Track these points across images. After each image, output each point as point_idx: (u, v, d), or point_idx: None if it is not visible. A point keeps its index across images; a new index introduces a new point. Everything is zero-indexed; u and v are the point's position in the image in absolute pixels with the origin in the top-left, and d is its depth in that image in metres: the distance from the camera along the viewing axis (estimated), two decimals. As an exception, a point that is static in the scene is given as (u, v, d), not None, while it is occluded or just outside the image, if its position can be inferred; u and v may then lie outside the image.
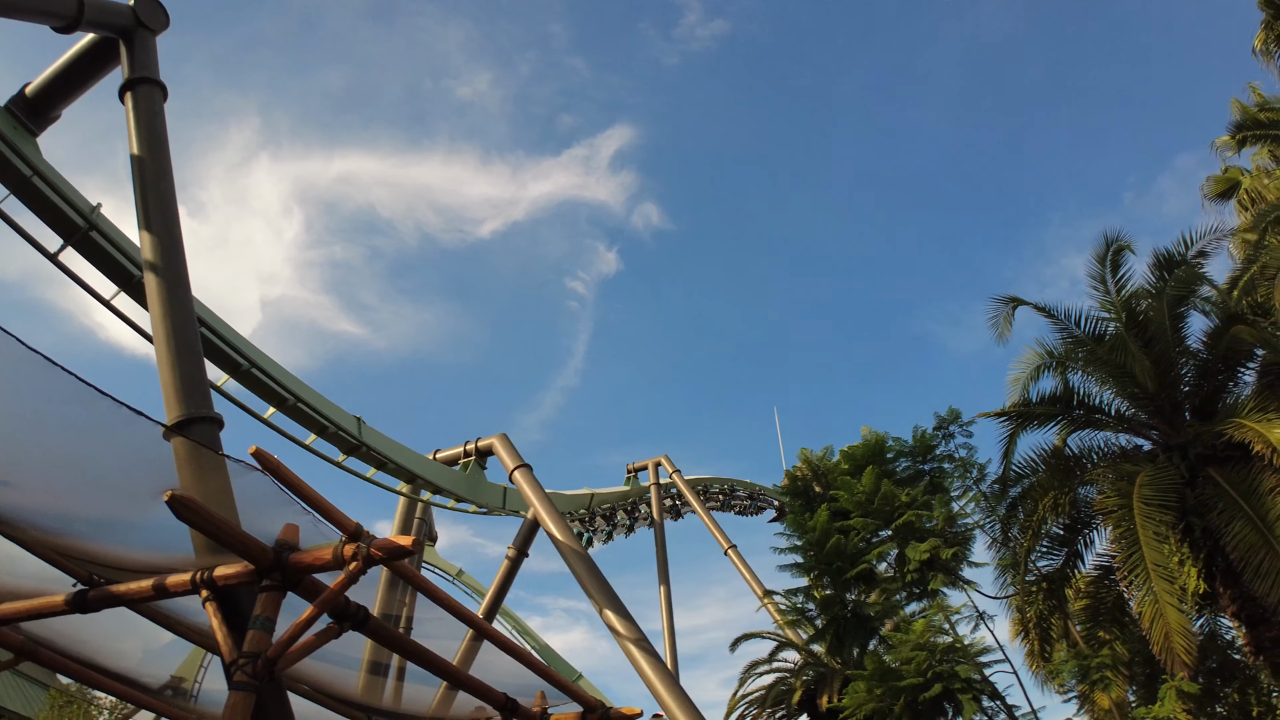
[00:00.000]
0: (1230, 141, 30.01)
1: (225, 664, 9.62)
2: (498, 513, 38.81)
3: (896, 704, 16.98)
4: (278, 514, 10.44)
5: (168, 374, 13.43)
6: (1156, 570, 13.56)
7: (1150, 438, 17.21)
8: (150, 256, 15.13)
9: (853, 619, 20.87)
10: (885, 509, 19.68)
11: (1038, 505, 16.55)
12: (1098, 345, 16.92)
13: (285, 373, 27.81)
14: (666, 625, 45.05)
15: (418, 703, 18.51)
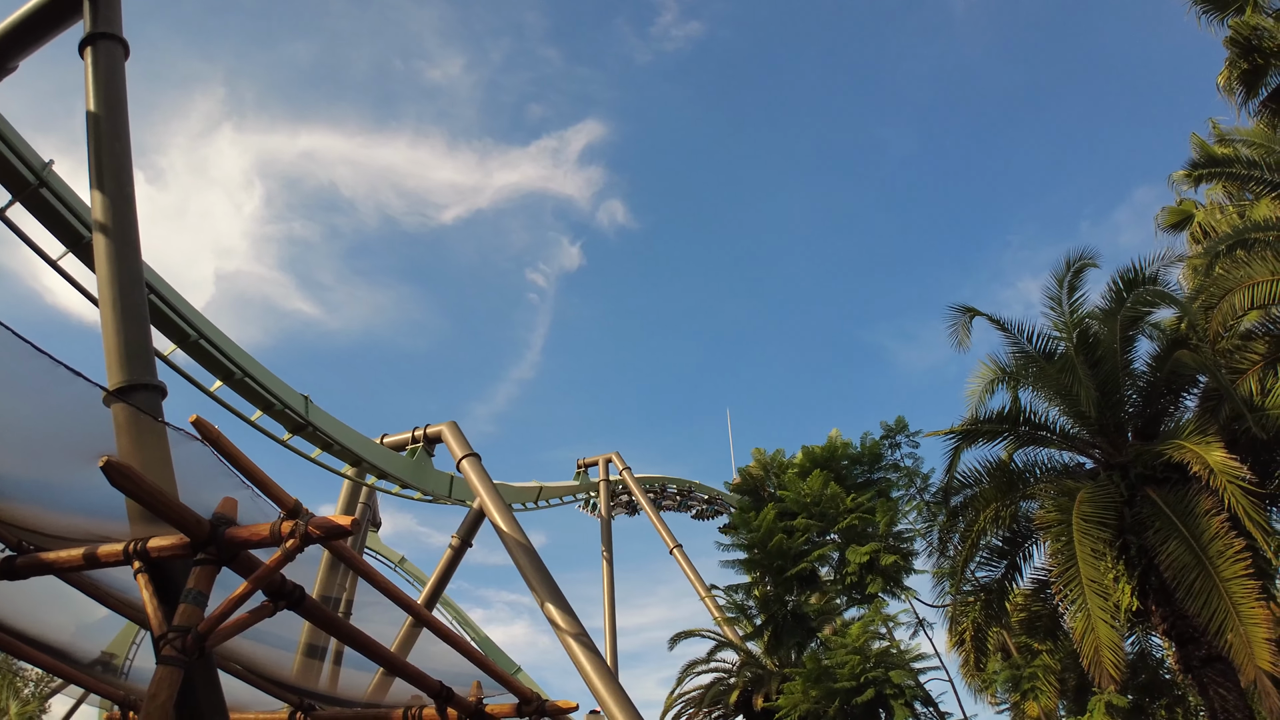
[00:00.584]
0: (1187, 176, 30.79)
1: (154, 638, 9.40)
2: (443, 501, 38.49)
3: (831, 706, 17.15)
4: (216, 487, 10.21)
5: (111, 338, 13.11)
6: (1091, 586, 13.83)
7: (1093, 456, 17.52)
8: (100, 217, 14.76)
9: (791, 619, 21.04)
10: (830, 511, 19.89)
11: (979, 516, 16.81)
12: (1047, 363, 17.21)
13: (235, 346, 27.29)
14: (608, 622, 45.14)
15: (353, 688, 18.29)
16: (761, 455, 24.13)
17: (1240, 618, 13.45)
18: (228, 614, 8.82)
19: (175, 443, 10.94)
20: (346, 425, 32.47)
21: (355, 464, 33.44)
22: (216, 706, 10.27)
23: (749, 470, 24.55)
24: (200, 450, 10.31)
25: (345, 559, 10.98)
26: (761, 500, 23.55)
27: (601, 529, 48.70)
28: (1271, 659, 13.14)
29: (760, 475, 24.08)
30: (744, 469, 24.79)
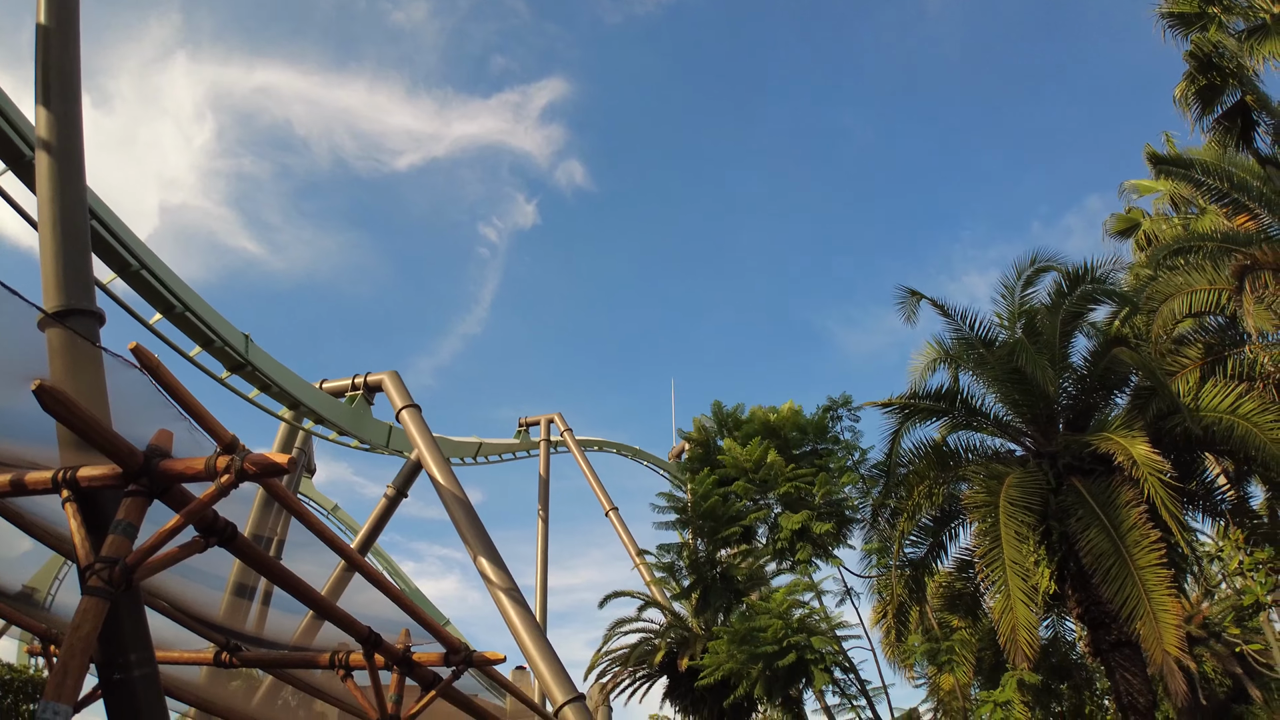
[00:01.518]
0: (1137, 185, 31.80)
1: (80, 568, 9.24)
2: (381, 451, 38.23)
3: (753, 668, 17.55)
4: (151, 419, 10.03)
5: (49, 261, 12.74)
6: (1013, 567, 14.33)
7: (1023, 444, 18.05)
8: (45, 134, 14.26)
9: (720, 581, 21.41)
10: (768, 479, 20.22)
11: (913, 492, 17.26)
12: (987, 350, 17.65)
13: (177, 279, 26.63)
14: (540, 580, 45.49)
15: (280, 631, 18.20)
16: (719, 408, 24.29)
17: (1152, 605, 14.02)
18: (157, 547, 8.69)
19: (110, 371, 10.72)
20: (286, 367, 31.94)
21: (293, 407, 32.97)
22: (141, 640, 10.14)
23: (704, 420, 24.70)
24: (136, 380, 10.11)
25: (280, 498, 10.87)
26: (711, 452, 23.83)
27: (539, 488, 48.93)
28: (1179, 645, 13.76)
29: (714, 428, 24.28)
30: (699, 418, 24.96)
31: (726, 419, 24.50)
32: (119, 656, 9.76)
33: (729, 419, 24.42)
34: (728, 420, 24.47)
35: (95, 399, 10.58)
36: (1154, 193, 31.63)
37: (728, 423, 24.50)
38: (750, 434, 21.99)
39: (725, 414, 24.31)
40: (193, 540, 9.37)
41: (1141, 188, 32.51)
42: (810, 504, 20.27)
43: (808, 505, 20.28)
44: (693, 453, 25.69)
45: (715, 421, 24.83)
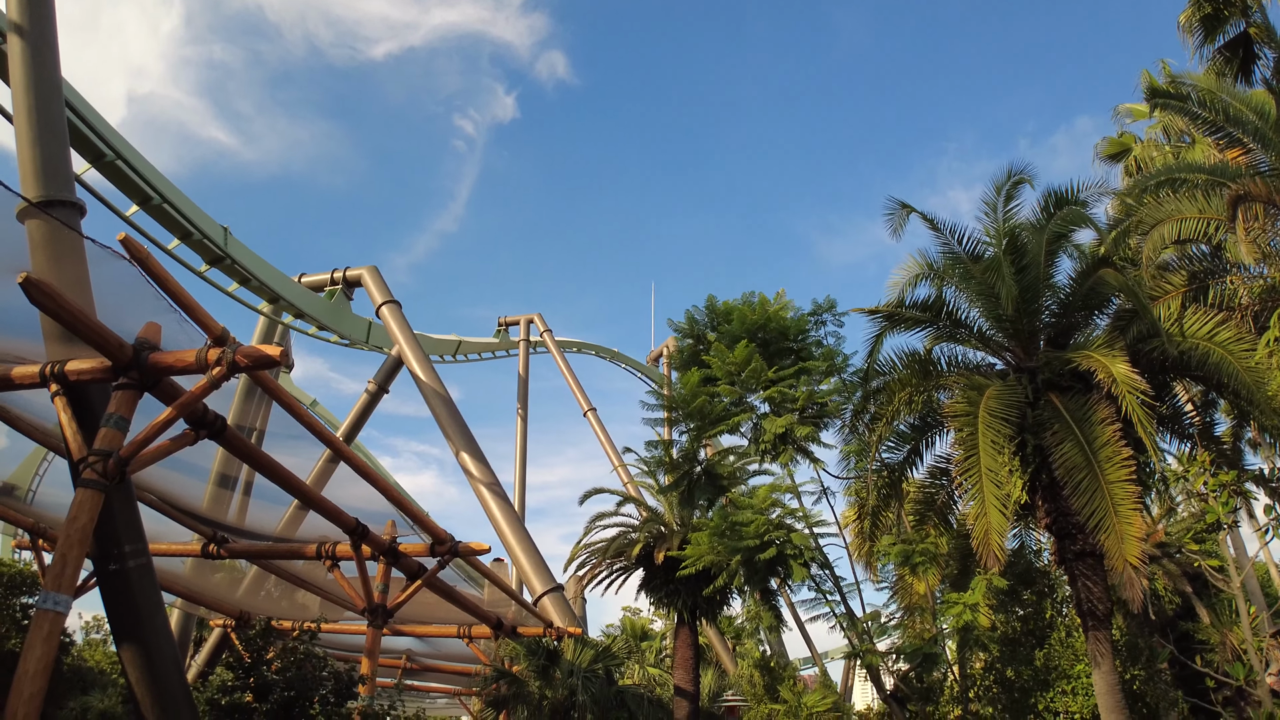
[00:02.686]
0: (1130, 109, 31.59)
1: (72, 462, 9.30)
2: (360, 346, 38.30)
3: (733, 560, 18.12)
4: (136, 312, 9.95)
5: (26, 151, 12.39)
6: (989, 475, 14.75)
7: (1004, 358, 18.34)
8: (16, 17, 13.70)
9: (704, 476, 21.89)
10: (752, 381, 20.54)
11: (894, 398, 17.58)
12: (973, 265, 17.76)
13: (153, 169, 26.04)
14: (519, 475, 46.35)
15: (262, 523, 18.50)
16: (713, 302, 24.29)
17: (1118, 518, 14.52)
18: (150, 440, 8.76)
19: (96, 262, 10.58)
20: (266, 261, 31.61)
21: (273, 301, 32.80)
22: (135, 532, 10.28)
23: (694, 312, 24.73)
24: (120, 272, 9.98)
25: (268, 389, 10.92)
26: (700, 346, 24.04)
27: (518, 387, 49.41)
28: (1139, 557, 14.36)
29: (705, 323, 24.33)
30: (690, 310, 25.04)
31: (719, 315, 24.53)
32: (114, 548, 9.91)
33: (720, 315, 24.45)
34: (720, 316, 24.50)
35: (80, 292, 10.47)
36: (1148, 118, 31.46)
37: (719, 319, 24.53)
38: (732, 334, 22.12)
39: (718, 310, 24.31)
40: (183, 433, 9.43)
41: (1135, 112, 32.33)
42: (792, 406, 20.59)
43: (790, 407, 20.61)
44: (682, 346, 25.83)
45: (707, 315, 24.86)
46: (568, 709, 21.83)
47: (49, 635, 8.30)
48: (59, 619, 8.44)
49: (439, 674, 32.21)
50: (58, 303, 8.20)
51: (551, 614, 25.46)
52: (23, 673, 8.04)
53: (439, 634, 24.86)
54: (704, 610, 22.40)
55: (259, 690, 12.44)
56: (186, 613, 27.44)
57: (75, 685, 20.85)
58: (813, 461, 20.54)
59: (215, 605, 24.28)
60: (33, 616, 8.51)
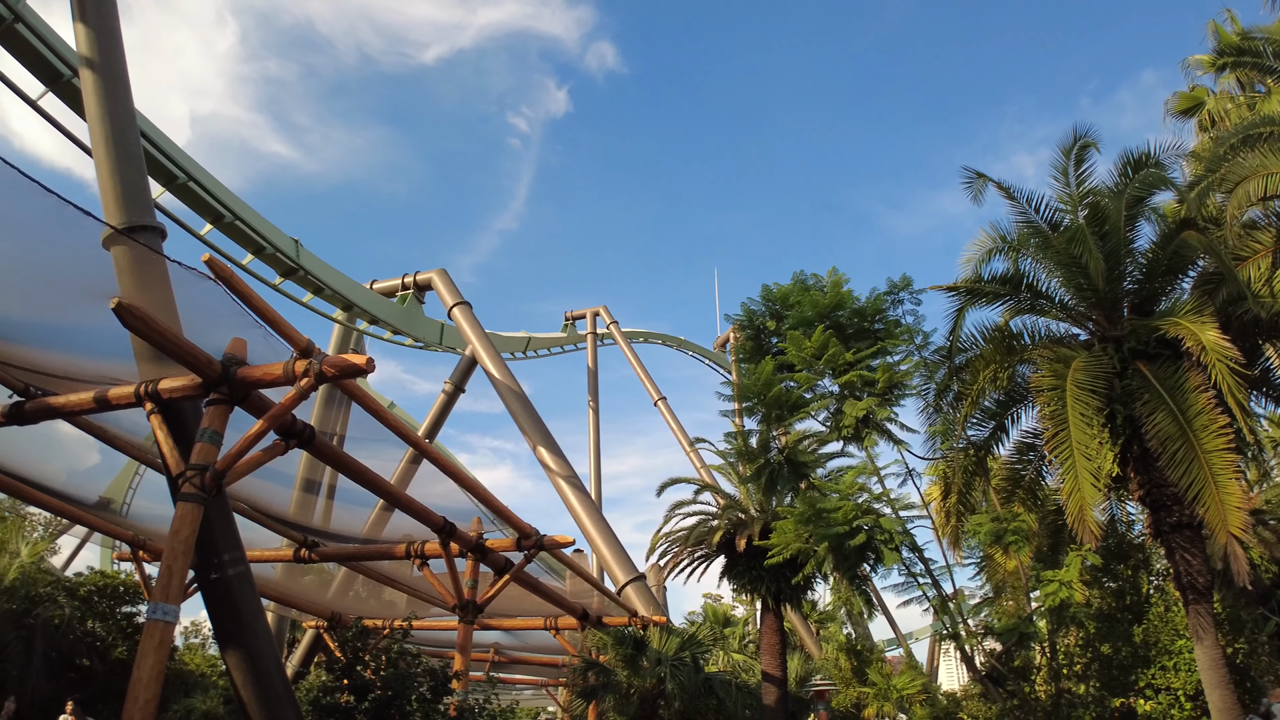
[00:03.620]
0: (1201, 61, 30.21)
1: (171, 477, 9.61)
2: (434, 348, 38.95)
3: (821, 547, 17.90)
4: (220, 329, 10.25)
5: (107, 180, 12.81)
6: (1079, 448, 14.28)
7: (1088, 328, 17.76)
8: (87, 51, 14.18)
9: (787, 465, 21.66)
10: (829, 366, 20.20)
11: (978, 376, 17.14)
12: (1053, 234, 17.22)
13: (224, 188, 26.77)
14: (593, 466, 46.67)
15: (347, 525, 18.95)
16: (768, 291, 23.87)
17: (1218, 487, 13.96)
18: (243, 452, 9.01)
19: (180, 285, 10.89)
20: (337, 270, 32.33)
21: (347, 309, 33.56)
22: (232, 540, 10.60)
23: (749, 308, 24.37)
24: (204, 291, 10.28)
25: (355, 397, 11.14)
26: (761, 337, 23.74)
27: (588, 379, 49.73)
28: (1243, 527, 13.78)
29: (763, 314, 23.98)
30: (746, 303, 24.63)
31: (776, 302, 24.08)
32: (214, 557, 10.22)
33: (778, 302, 23.99)
34: (777, 303, 24.05)
35: (167, 313, 10.78)
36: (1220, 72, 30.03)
37: (777, 305, 24.08)
38: (800, 319, 21.72)
39: (774, 296, 23.87)
40: (274, 443, 9.68)
41: (1205, 64, 30.87)
42: (873, 390, 20.17)
43: (869, 390, 20.20)
44: (742, 341, 25.55)
45: (764, 304, 24.49)
46: (656, 697, 21.92)
47: (160, 644, 8.62)
48: (168, 628, 8.75)
49: (526, 666, 32.70)
50: (149, 325, 8.46)
51: (635, 603, 25.59)
52: (137, 680, 8.35)
53: (525, 626, 25.21)
54: (788, 596, 22.24)
55: (357, 689, 12.73)
56: (279, 615, 28.26)
57: (178, 688, 21.66)
58: (895, 443, 20.15)
59: (307, 607, 24.99)
60: (144, 626, 8.82)
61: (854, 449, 21.29)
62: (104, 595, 18.17)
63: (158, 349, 9.00)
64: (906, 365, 21.05)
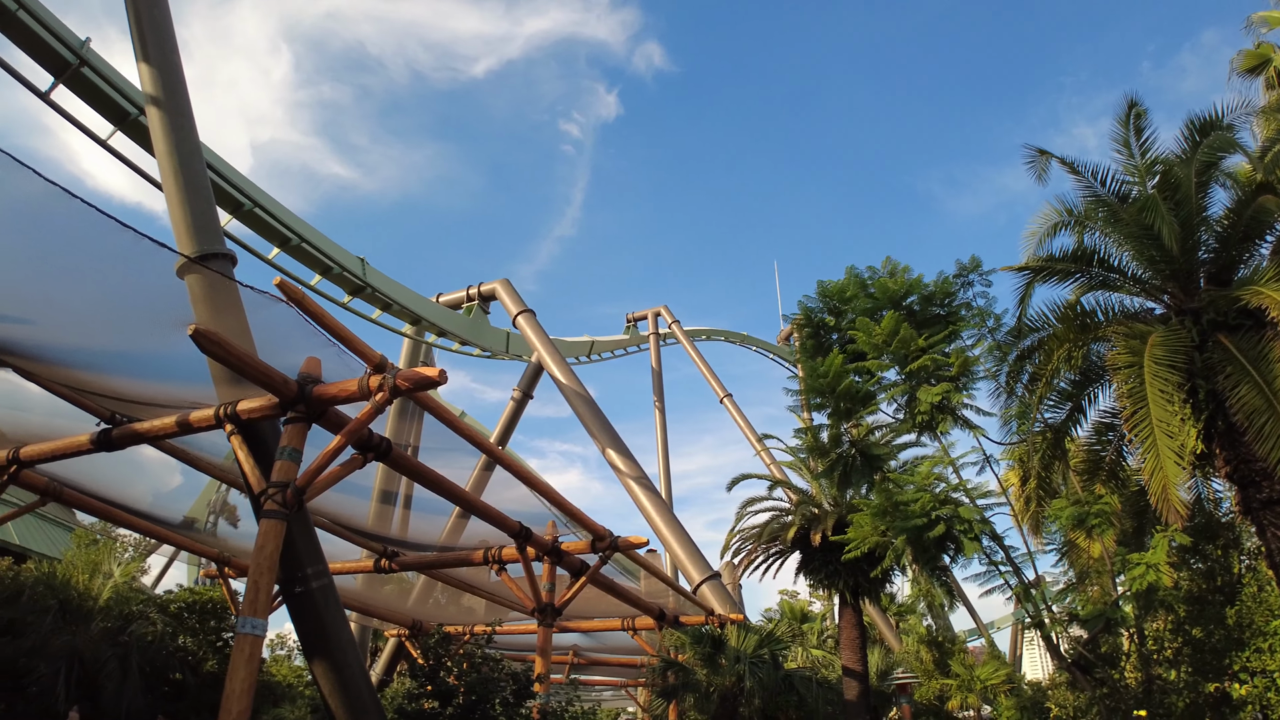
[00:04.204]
0: (1266, 17, 29.08)
1: (253, 495, 9.90)
2: (501, 356, 39.60)
3: (899, 540, 17.64)
4: (293, 349, 10.53)
5: (178, 211, 13.24)
6: (1161, 426, 13.84)
7: (1163, 301, 17.24)
8: (151, 89, 14.68)
9: (860, 457, 21.39)
10: (901, 351, 19.80)
11: (1051, 356, 16.71)
12: (1121, 206, 16.73)
13: (288, 213, 27.49)
14: (662, 466, 46.72)
15: (424, 534, 19.31)
16: (823, 286, 23.53)
17: (1310, 460, 13.45)
18: (323, 467, 9.24)
19: (253, 308, 11.21)
20: (404, 285, 33.10)
21: (414, 323, 34.36)
22: (315, 554, 10.86)
23: (805, 305, 24.08)
24: (277, 314, 10.56)
25: (429, 408, 11.35)
26: (821, 333, 23.46)
27: (653, 380, 49.79)
28: (1339, 500, 13.24)
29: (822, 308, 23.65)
30: (804, 300, 24.32)
31: (832, 297, 23.74)
32: (297, 571, 10.48)
33: (834, 297, 23.64)
34: (834, 298, 23.71)
35: (241, 336, 11.10)
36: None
37: (834, 301, 23.74)
38: (866, 308, 21.38)
39: (830, 292, 23.56)
40: (352, 458, 9.91)
41: (1270, 20, 29.69)
42: (948, 374, 19.74)
43: (942, 376, 19.78)
44: (803, 339, 25.27)
45: (821, 300, 24.18)
46: (736, 695, 21.84)
47: (250, 657, 8.87)
48: (257, 642, 9.01)
49: (605, 667, 32.89)
50: (225, 349, 8.72)
51: (712, 602, 25.56)
52: (229, 693, 8.61)
53: (603, 628, 25.37)
54: (866, 590, 21.99)
55: (441, 695, 12.93)
56: (362, 625, 28.89)
57: (266, 698, 22.22)
58: (970, 429, 19.70)
59: (388, 616, 25.50)
60: (234, 641, 9.09)
61: (927, 439, 20.92)
62: (193, 611, 18.73)
63: (235, 371, 9.27)
64: (979, 349, 20.57)
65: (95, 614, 16.09)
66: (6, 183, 9.18)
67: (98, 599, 16.83)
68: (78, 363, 12.30)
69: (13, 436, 14.22)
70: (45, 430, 13.71)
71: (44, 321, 11.67)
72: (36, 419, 14.60)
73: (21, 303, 11.36)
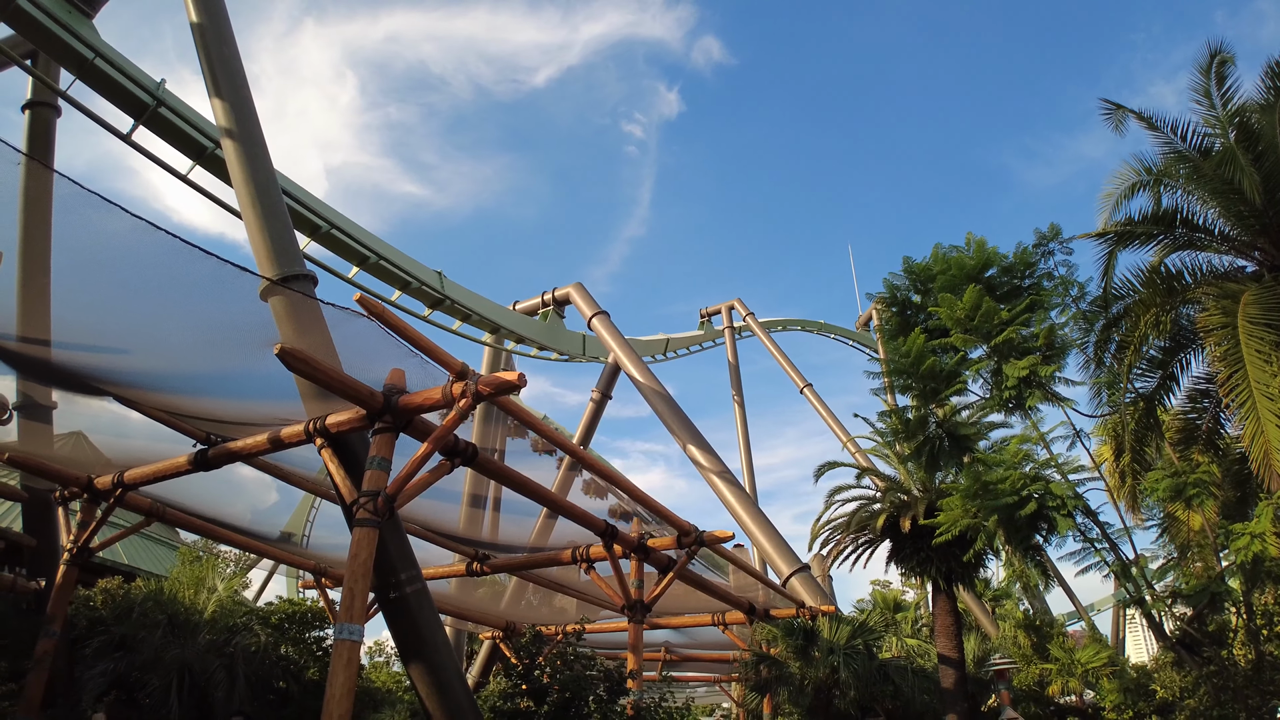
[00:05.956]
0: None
1: (345, 505, 10.19)
2: (578, 359, 40.06)
3: (990, 520, 17.18)
4: (375, 362, 10.82)
5: (258, 236, 13.70)
6: (1259, 388, 13.20)
7: (1254, 259, 16.50)
8: (225, 123, 15.24)
9: (947, 439, 20.91)
10: (984, 326, 19.20)
11: (1139, 322, 16.10)
12: (1203, 160, 16.03)
13: (364, 232, 28.22)
14: (744, 459, 46.49)
15: (513, 536, 19.63)
16: (909, 263, 23.01)
17: None
18: (412, 474, 9.47)
19: (335, 324, 11.54)
20: (481, 296, 33.78)
21: (494, 331, 35.10)
22: (408, 560, 11.12)
23: (893, 278, 23.54)
24: (359, 329, 10.85)
25: (512, 413, 11.57)
26: (907, 312, 22.95)
27: (730, 374, 49.54)
28: None
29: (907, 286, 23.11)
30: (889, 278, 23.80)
31: (918, 275, 23.17)
32: (391, 577, 10.74)
33: (920, 275, 23.06)
34: (919, 276, 23.13)
35: (327, 352, 11.43)
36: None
37: (919, 279, 23.17)
38: (948, 284, 20.80)
39: (916, 269, 22.99)
40: (440, 464, 10.14)
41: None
42: (1031, 347, 19.10)
43: (1028, 349, 19.14)
44: (887, 317, 24.77)
45: (908, 278, 23.63)
46: (830, 687, 21.64)
47: (349, 662, 9.13)
48: (355, 647, 9.27)
49: (697, 663, 32.91)
50: (311, 365, 9.00)
51: (802, 594, 25.40)
52: (330, 697, 8.87)
53: (693, 624, 25.39)
54: (959, 575, 21.49)
55: (535, 693, 13.12)
56: (457, 629, 29.45)
57: (366, 704, 22.80)
58: (1060, 402, 19.04)
59: (482, 619, 25.95)
60: (332, 648, 9.36)
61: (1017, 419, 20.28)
62: (293, 621, 19.35)
63: (322, 387, 9.55)
64: (1063, 318, 19.87)
65: (201, 627, 16.75)
66: (96, 221, 9.64)
67: (203, 613, 17.52)
68: (173, 388, 12.81)
69: (118, 461, 14.90)
70: (147, 454, 14.33)
71: (139, 351, 12.18)
72: (138, 444, 15.29)
73: (118, 334, 11.90)
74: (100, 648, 15.24)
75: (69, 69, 20.25)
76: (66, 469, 14.75)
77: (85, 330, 12.39)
